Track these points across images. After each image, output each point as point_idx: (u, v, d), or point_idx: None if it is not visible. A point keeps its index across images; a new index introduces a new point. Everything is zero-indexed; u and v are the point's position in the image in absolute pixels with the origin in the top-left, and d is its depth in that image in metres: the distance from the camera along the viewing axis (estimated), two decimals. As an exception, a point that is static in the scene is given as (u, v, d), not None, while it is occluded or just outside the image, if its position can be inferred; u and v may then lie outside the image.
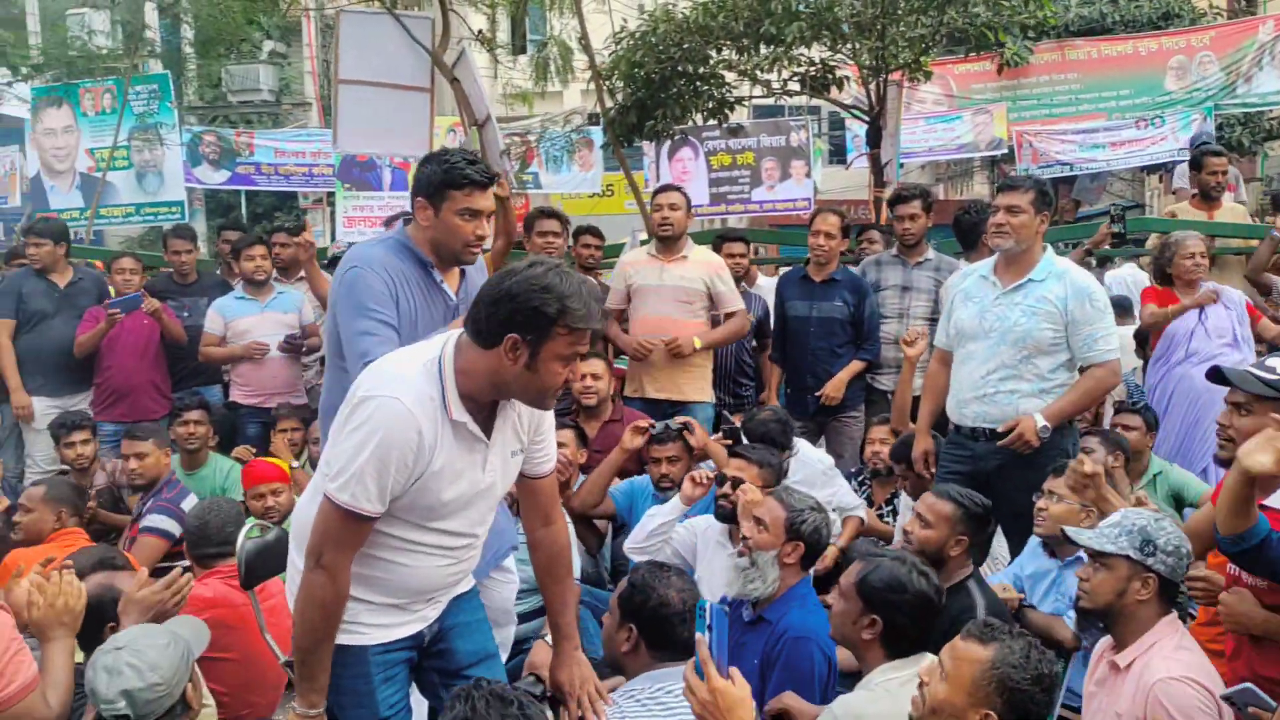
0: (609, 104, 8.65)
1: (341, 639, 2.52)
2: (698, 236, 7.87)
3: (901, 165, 17.06)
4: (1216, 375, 3.16)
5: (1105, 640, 3.00)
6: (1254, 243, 7.21)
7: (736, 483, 3.90)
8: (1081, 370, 4.28)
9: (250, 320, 6.35)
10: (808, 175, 13.82)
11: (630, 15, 8.69)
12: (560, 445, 4.72)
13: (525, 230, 6.16)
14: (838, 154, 19.48)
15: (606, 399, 5.39)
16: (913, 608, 2.85)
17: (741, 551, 3.45)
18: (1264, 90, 14.08)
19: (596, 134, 13.55)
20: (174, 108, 13.64)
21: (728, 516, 3.99)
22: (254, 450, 6.01)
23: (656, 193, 6.04)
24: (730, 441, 4.66)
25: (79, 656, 2.91)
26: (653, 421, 4.81)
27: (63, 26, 14.40)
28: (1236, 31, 14.77)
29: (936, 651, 2.83)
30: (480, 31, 9.30)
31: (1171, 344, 5.47)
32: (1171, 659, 2.72)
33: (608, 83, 8.54)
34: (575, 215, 6.35)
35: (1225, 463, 3.10)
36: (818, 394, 5.74)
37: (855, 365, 5.75)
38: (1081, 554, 3.73)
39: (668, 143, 10.77)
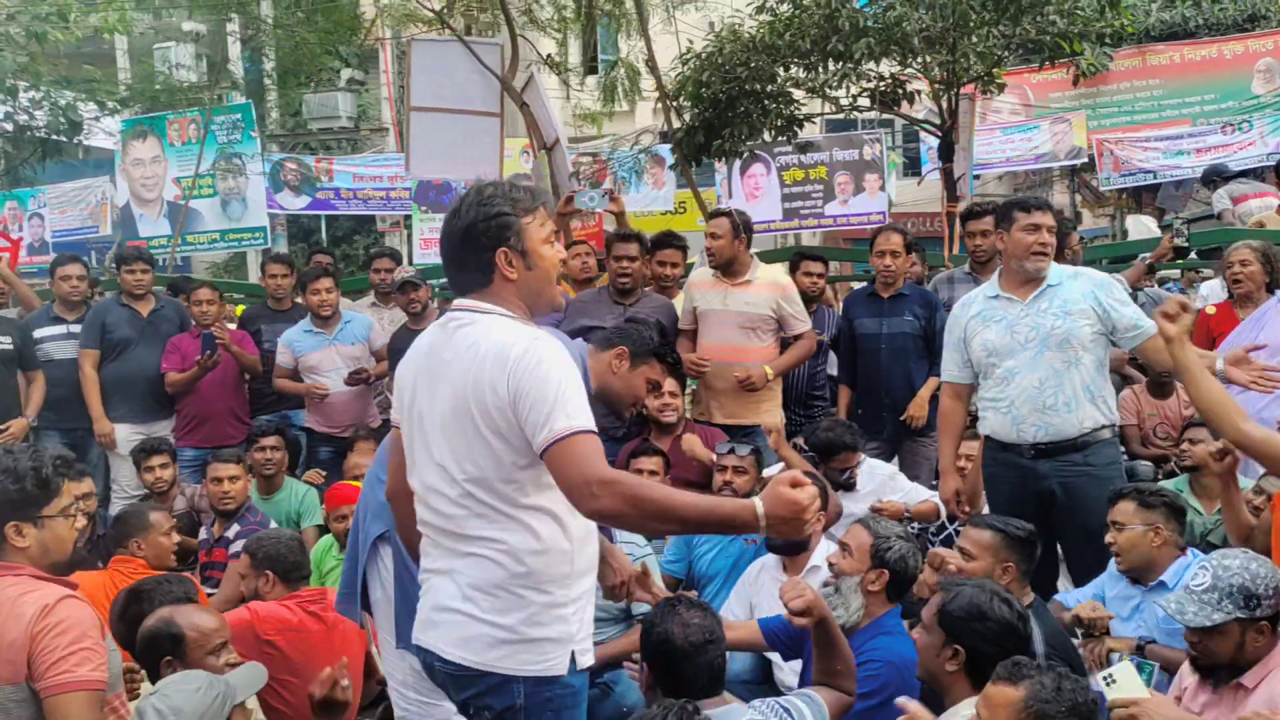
0: (676, 124, 8.65)
1: (548, 664, 2.40)
2: (774, 254, 7.85)
3: (977, 177, 16.89)
4: None
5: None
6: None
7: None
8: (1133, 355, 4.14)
9: (317, 356, 6.43)
10: (881, 189, 13.70)
11: (696, 36, 8.68)
12: (652, 473, 4.85)
13: (605, 250, 6.12)
14: (912, 167, 19.25)
15: (683, 418, 5.38)
16: (996, 635, 2.78)
17: (825, 582, 3.40)
18: (1359, 91, 13.62)
19: (667, 151, 13.60)
20: (256, 136, 14.04)
21: (777, 548, 3.93)
22: (325, 474, 6.09)
23: (709, 217, 5.94)
24: None
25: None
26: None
27: (149, 62, 14.91)
28: (1327, 31, 14.33)
29: None
30: (549, 56, 9.39)
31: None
32: None
33: (674, 103, 8.54)
34: (649, 233, 6.29)
35: None
36: (898, 416, 5.63)
37: (933, 382, 5.57)
38: (1164, 578, 3.64)
39: (739, 160, 10.73)
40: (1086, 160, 15.20)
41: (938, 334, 5.63)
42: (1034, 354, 4.13)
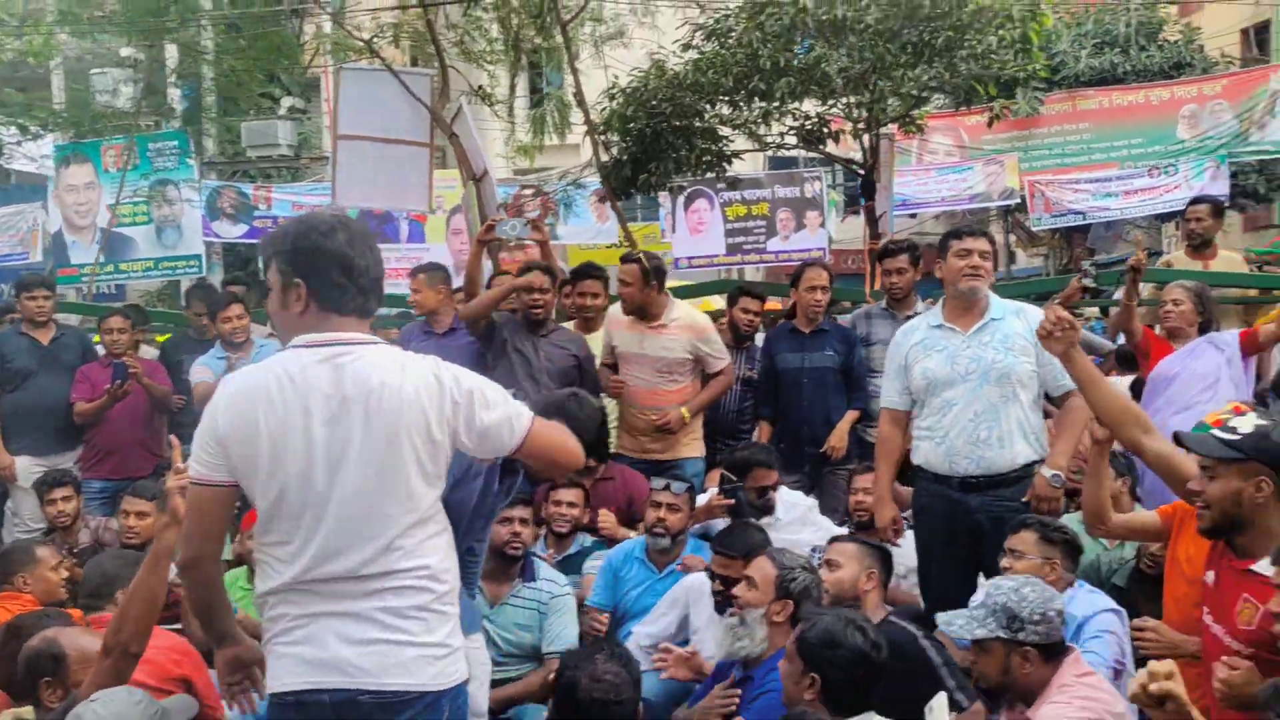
0: (604, 157, 8.74)
1: (461, 669, 2.50)
2: (716, 286, 7.88)
3: (913, 216, 17.16)
4: (1177, 440, 3.08)
5: None
6: (1252, 292, 7.14)
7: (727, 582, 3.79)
8: (1054, 402, 4.25)
9: None
10: (822, 225, 13.87)
11: (621, 72, 8.79)
12: (571, 505, 4.87)
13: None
14: (852, 204, 19.53)
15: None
16: (848, 664, 2.82)
17: (731, 611, 3.43)
18: (1277, 138, 14.01)
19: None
20: (193, 163, 13.91)
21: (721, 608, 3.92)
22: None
23: (620, 262, 5.91)
24: (732, 501, 4.65)
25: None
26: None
27: (82, 89, 14.74)
28: (1248, 80, 14.77)
29: (882, 710, 2.82)
30: (480, 88, 9.45)
31: (1154, 389, 5.34)
32: (1059, 704, 2.75)
33: (602, 137, 8.63)
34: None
35: (1206, 533, 2.95)
36: (818, 450, 5.65)
37: (851, 415, 5.69)
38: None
39: (682, 195, 10.87)
40: (1019, 201, 15.49)
41: (856, 369, 5.72)
42: (973, 386, 4.16)
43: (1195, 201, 7.15)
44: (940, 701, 2.77)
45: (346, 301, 2.42)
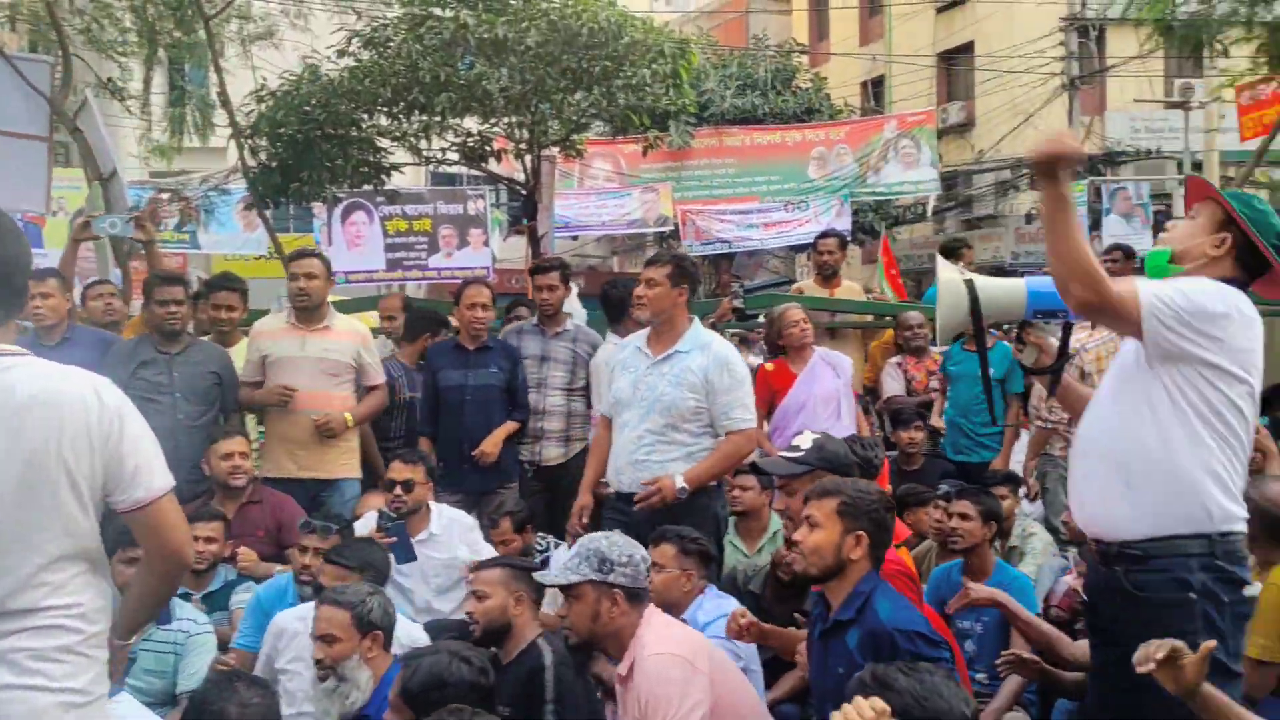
0: (250, 162, 8.26)
1: None
2: (376, 301, 7.62)
3: (576, 238, 17.62)
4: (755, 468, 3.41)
5: None
6: (869, 318, 7.91)
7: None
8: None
9: None
10: (485, 244, 13.85)
11: (271, 74, 8.36)
12: (210, 540, 4.44)
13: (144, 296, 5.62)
14: (517, 224, 19.74)
15: (253, 479, 5.02)
16: (461, 698, 2.74)
17: (322, 676, 3.24)
18: (890, 181, 15.71)
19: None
20: None
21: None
22: None
23: (292, 258, 5.72)
24: (394, 539, 4.45)
25: None
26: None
27: None
28: (867, 128, 16.44)
29: None
30: (110, 80, 8.65)
31: (785, 416, 5.76)
32: (651, 647, 2.94)
33: (249, 141, 8.15)
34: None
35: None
36: (480, 469, 5.54)
37: (510, 425, 5.61)
38: (685, 616, 3.84)
39: (342, 205, 10.45)
40: (673, 228, 16.29)
41: (519, 385, 5.71)
42: (643, 413, 4.39)
43: (824, 235, 7.80)
44: None
45: None
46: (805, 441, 3.50)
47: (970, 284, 2.79)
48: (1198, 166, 16.83)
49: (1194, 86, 16.82)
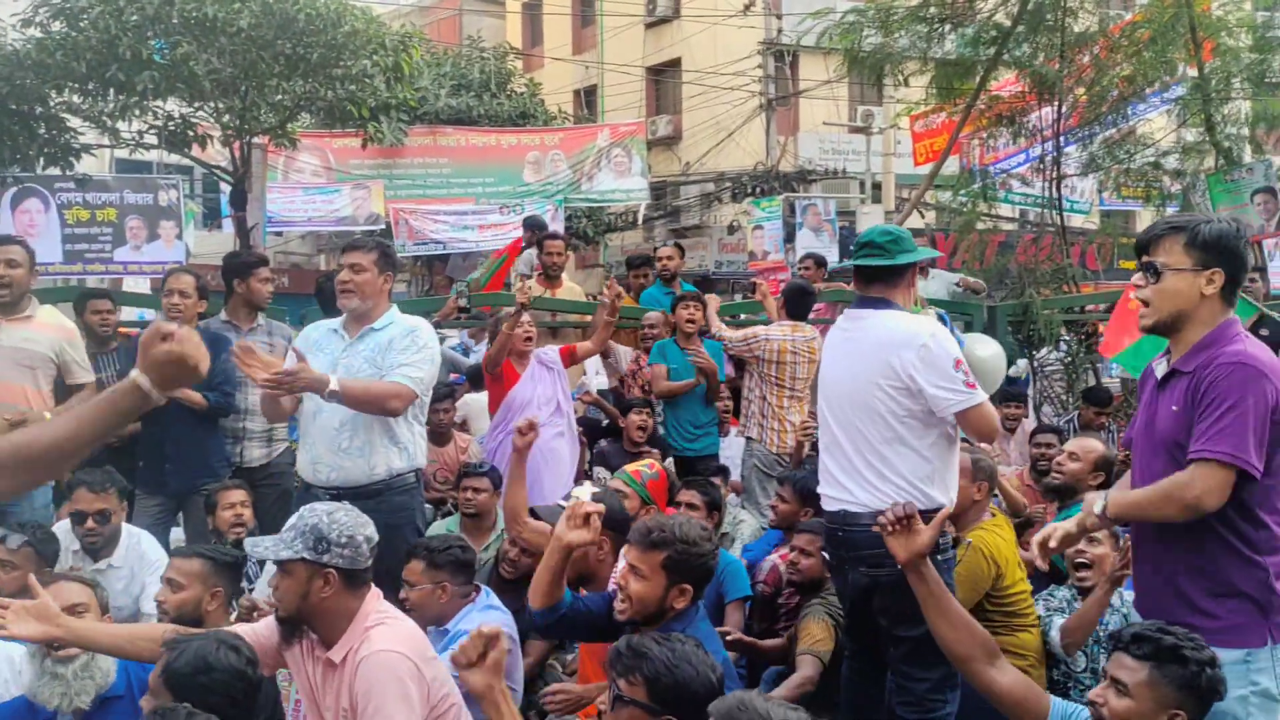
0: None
1: None
2: (59, 293, 6.94)
3: (280, 234, 16.86)
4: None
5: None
6: (588, 318, 8.13)
7: None
8: None
9: None
10: (178, 237, 12.98)
11: None
12: None
13: None
14: (212, 217, 18.67)
15: None
16: (226, 685, 2.67)
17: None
18: (603, 188, 16.14)
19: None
20: None
21: None
22: None
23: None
24: None
25: None
26: None
27: None
28: (581, 136, 16.82)
29: None
30: None
31: (510, 411, 5.84)
32: (378, 644, 2.85)
33: (-90, 112, 7.28)
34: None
35: None
36: (184, 471, 5.28)
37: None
38: (449, 626, 3.81)
39: (10, 191, 9.47)
40: (384, 227, 15.94)
41: (218, 370, 5.41)
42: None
43: (551, 237, 7.95)
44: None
45: None
46: (584, 493, 3.22)
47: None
48: (877, 187, 18.48)
49: (874, 113, 18.45)
